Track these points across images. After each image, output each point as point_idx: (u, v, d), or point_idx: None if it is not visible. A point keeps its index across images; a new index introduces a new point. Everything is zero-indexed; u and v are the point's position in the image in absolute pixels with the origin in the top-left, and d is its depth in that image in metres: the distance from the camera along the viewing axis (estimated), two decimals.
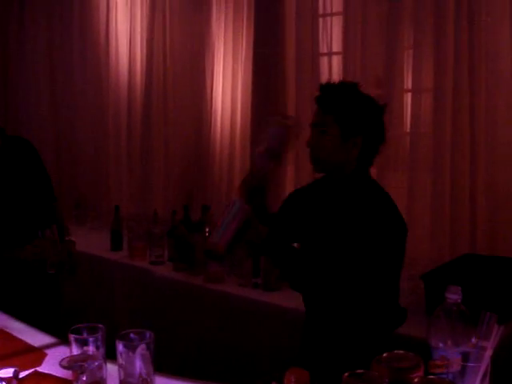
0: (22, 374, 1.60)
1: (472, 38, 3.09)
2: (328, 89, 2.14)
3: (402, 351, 1.30)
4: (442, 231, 3.24)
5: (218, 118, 4.18)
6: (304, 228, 2.21)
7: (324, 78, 3.75)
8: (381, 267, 2.00)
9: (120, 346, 1.43)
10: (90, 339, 1.47)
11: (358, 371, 1.16)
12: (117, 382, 1.47)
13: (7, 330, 2.03)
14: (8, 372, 1.43)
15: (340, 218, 2.08)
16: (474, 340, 1.40)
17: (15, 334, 2.00)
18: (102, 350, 1.49)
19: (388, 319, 2.07)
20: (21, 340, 1.95)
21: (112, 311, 3.80)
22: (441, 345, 1.40)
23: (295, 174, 3.82)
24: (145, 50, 4.55)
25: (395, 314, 2.11)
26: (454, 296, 1.42)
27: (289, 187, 3.72)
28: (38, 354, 1.83)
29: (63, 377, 1.63)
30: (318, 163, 2.14)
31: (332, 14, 3.74)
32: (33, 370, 1.70)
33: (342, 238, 2.04)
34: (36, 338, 1.97)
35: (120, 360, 1.44)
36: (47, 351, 1.86)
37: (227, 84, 4.13)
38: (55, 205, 3.24)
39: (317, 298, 2.13)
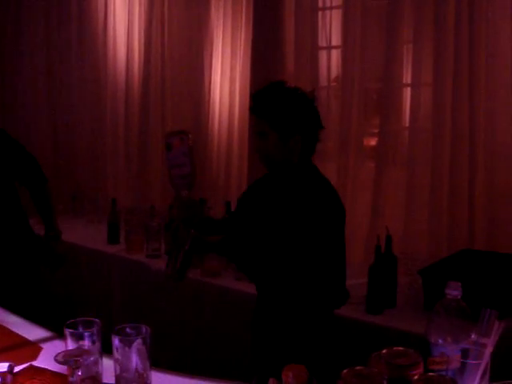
0: (17, 369, 1.58)
1: (472, 32, 3.08)
2: (258, 96, 2.20)
3: (401, 348, 1.29)
4: (440, 226, 3.23)
5: (216, 111, 4.16)
6: (253, 217, 2.31)
7: (323, 72, 3.74)
8: (315, 249, 2.06)
9: (116, 341, 1.41)
10: (86, 334, 1.45)
11: (357, 367, 1.15)
12: (113, 376, 1.45)
13: (3, 324, 2.01)
14: (3, 366, 1.41)
15: (279, 205, 2.19)
16: (473, 337, 1.38)
17: (11, 327, 1.98)
18: (97, 345, 1.48)
19: (327, 299, 2.16)
20: (16, 334, 1.93)
21: (109, 304, 3.79)
22: (440, 341, 1.39)
23: None
24: (143, 41, 4.54)
25: (335, 295, 2.19)
26: (453, 292, 1.41)
27: None
28: (33, 348, 1.81)
29: (59, 371, 1.61)
30: (265, 164, 2.24)
31: (331, 8, 3.72)
32: (28, 364, 1.69)
33: (280, 222, 2.13)
34: (32, 331, 1.95)
35: (116, 355, 1.42)
36: (43, 345, 1.84)
37: (225, 77, 4.12)
38: (46, 188, 3.23)
39: (262, 281, 2.22)
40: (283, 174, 2.23)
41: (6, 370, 1.41)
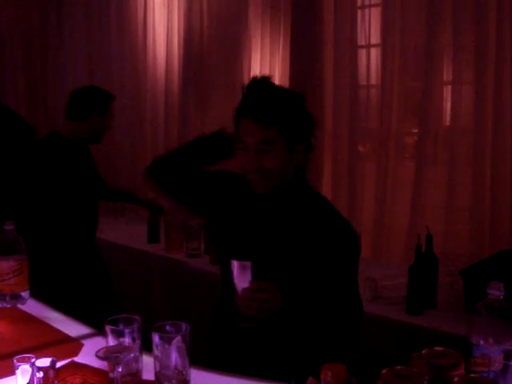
0: (59, 364, 1.60)
1: None
2: (261, 96, 1.84)
3: (442, 348, 1.27)
4: (481, 226, 3.19)
5: None
6: (237, 236, 1.99)
7: (362, 71, 3.72)
8: (339, 281, 1.81)
9: (156, 338, 1.42)
10: (126, 331, 1.47)
11: (397, 367, 1.14)
12: (152, 373, 1.47)
13: (45, 321, 2.05)
14: (45, 362, 1.43)
15: (288, 234, 1.87)
16: None
17: (53, 324, 2.01)
18: (138, 342, 1.49)
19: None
20: (58, 330, 1.96)
21: (148, 303, 3.82)
22: (481, 342, 1.37)
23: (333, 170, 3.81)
24: (182, 41, 4.56)
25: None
26: (496, 292, 1.39)
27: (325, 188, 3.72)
28: (74, 345, 1.84)
29: (99, 367, 1.63)
30: (267, 186, 1.87)
31: (371, 6, 3.70)
32: (70, 360, 1.71)
33: (294, 256, 1.83)
34: (73, 328, 1.98)
35: (156, 352, 1.43)
36: (84, 342, 1.86)
37: None
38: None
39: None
40: (283, 195, 1.90)
41: (48, 365, 1.43)
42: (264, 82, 1.88)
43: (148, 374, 1.51)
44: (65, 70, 5.30)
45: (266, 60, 4.10)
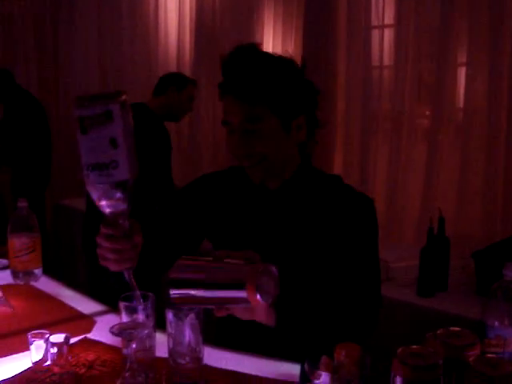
0: (72, 341, 1.61)
1: None
2: (242, 68, 1.56)
3: (457, 328, 1.27)
4: (494, 209, 3.17)
5: None
6: (237, 236, 1.75)
7: (375, 52, 3.68)
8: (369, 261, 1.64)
9: (170, 315, 1.43)
10: (140, 307, 1.47)
11: (413, 346, 1.13)
12: (166, 350, 1.47)
13: (58, 298, 2.06)
14: (59, 337, 1.44)
15: (308, 228, 1.64)
16: None
17: (66, 301, 2.02)
18: (151, 319, 1.49)
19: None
20: (71, 307, 1.97)
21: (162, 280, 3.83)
22: (496, 323, 1.36)
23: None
24: (194, 19, 4.54)
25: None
26: (511, 273, 1.38)
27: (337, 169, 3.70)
28: (87, 322, 1.85)
29: (112, 344, 1.64)
30: (264, 173, 1.63)
31: None
32: (83, 336, 1.72)
33: (317, 250, 1.63)
34: (86, 305, 1.99)
35: (169, 329, 1.43)
36: (96, 318, 1.87)
37: None
38: None
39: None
40: (288, 182, 1.67)
41: (62, 340, 1.43)
42: (249, 49, 1.59)
43: (161, 351, 1.52)
44: (76, 49, 5.29)
45: (278, 41, 4.08)
